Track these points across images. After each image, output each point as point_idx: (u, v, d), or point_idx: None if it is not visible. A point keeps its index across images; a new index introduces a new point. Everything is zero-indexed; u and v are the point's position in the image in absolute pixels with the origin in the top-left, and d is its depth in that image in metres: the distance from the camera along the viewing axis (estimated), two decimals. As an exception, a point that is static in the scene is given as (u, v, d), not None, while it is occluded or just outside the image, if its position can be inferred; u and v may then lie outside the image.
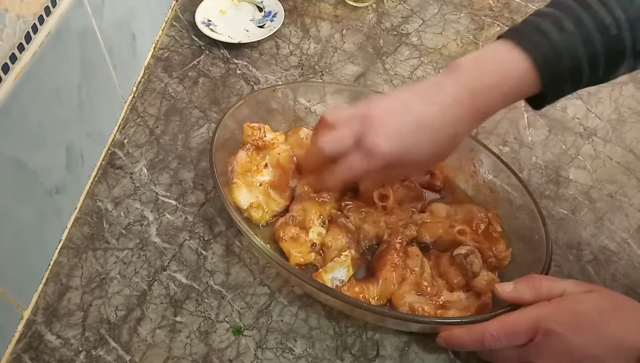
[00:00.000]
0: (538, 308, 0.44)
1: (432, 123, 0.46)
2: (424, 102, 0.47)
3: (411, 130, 0.46)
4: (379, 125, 0.46)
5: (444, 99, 0.46)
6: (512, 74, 0.45)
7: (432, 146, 0.48)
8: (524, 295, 0.46)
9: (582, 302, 0.44)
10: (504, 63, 0.45)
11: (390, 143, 0.46)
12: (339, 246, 0.54)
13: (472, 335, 0.46)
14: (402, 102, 0.48)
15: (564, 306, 0.44)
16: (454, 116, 0.46)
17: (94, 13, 0.58)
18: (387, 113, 0.47)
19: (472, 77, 0.46)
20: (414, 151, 0.47)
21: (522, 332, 0.44)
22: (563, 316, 0.43)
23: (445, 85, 0.47)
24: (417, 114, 0.47)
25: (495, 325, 0.45)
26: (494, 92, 0.46)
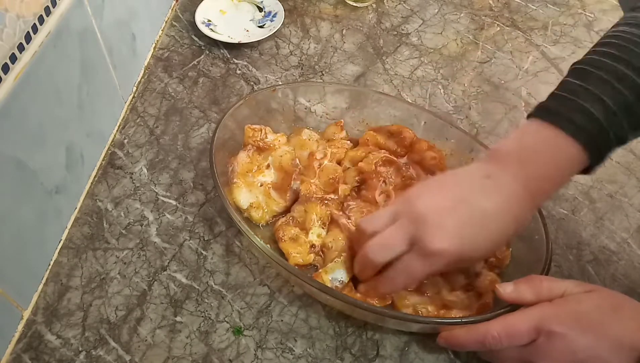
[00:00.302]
0: (539, 308, 0.44)
1: (494, 219, 0.45)
2: (481, 195, 0.45)
3: (472, 227, 0.44)
4: (436, 225, 0.44)
5: (501, 191, 0.45)
6: (563, 162, 0.45)
7: (494, 240, 0.46)
8: (524, 295, 0.46)
9: (583, 302, 0.44)
10: (554, 152, 0.45)
11: (451, 243, 0.44)
12: (340, 247, 0.53)
13: (473, 336, 0.46)
14: (454, 196, 0.45)
15: (565, 306, 0.44)
16: (514, 209, 0.45)
17: (94, 13, 0.58)
18: (441, 210, 0.44)
19: (522, 167, 0.45)
20: (477, 248, 0.45)
21: (523, 333, 0.44)
22: (564, 316, 0.43)
23: (497, 177, 0.45)
24: (477, 209, 0.45)
25: (496, 325, 0.45)
26: (549, 182, 0.46)
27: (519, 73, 0.79)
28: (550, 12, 0.89)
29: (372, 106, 0.65)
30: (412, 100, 0.74)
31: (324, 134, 0.65)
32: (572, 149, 0.44)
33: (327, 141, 0.64)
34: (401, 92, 0.75)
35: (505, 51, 0.82)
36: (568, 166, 0.45)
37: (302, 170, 0.59)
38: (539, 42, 0.84)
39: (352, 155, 0.62)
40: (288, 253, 0.53)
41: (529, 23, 0.87)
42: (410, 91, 0.75)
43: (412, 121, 0.64)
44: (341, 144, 0.63)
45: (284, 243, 0.54)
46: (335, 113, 0.66)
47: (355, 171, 0.60)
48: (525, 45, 0.83)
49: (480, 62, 0.80)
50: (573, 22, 0.87)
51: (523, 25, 0.87)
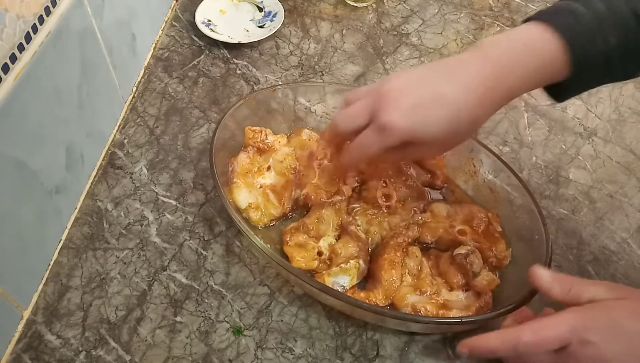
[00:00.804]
0: (571, 315, 0.43)
1: (452, 100, 0.44)
2: (445, 78, 0.45)
3: (428, 106, 0.44)
4: (394, 100, 0.45)
5: (467, 76, 0.44)
6: (541, 54, 0.43)
7: (450, 124, 0.45)
8: (554, 290, 0.45)
9: (614, 311, 0.42)
10: (533, 42, 0.43)
11: (405, 119, 0.44)
12: (348, 254, 0.53)
13: (504, 342, 0.44)
14: (420, 77, 0.46)
15: (598, 315, 0.43)
16: (477, 94, 0.44)
17: (94, 13, 0.58)
18: (403, 88, 0.45)
19: (499, 55, 0.44)
20: (431, 129, 0.45)
21: (555, 340, 0.43)
22: (597, 325, 0.42)
23: (469, 62, 0.45)
24: (436, 90, 0.45)
25: (528, 332, 0.43)
26: (520, 71, 0.44)
27: (519, 73, 0.79)
28: (550, 12, 0.89)
29: (372, 106, 0.65)
30: (412, 100, 0.74)
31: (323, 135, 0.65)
32: (554, 43, 0.43)
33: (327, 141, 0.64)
34: (401, 92, 0.75)
35: (505, 51, 0.82)
36: (546, 60, 0.43)
37: (301, 178, 0.59)
38: (539, 42, 0.84)
39: None
40: (292, 256, 0.53)
41: (529, 23, 0.87)
42: (410, 91, 0.75)
43: (412, 121, 0.63)
44: None
45: (289, 247, 0.54)
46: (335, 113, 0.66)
47: (354, 172, 0.60)
48: (525, 45, 0.83)
49: (480, 62, 0.80)
50: (573, 22, 0.87)
51: (523, 25, 0.87)
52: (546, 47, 0.43)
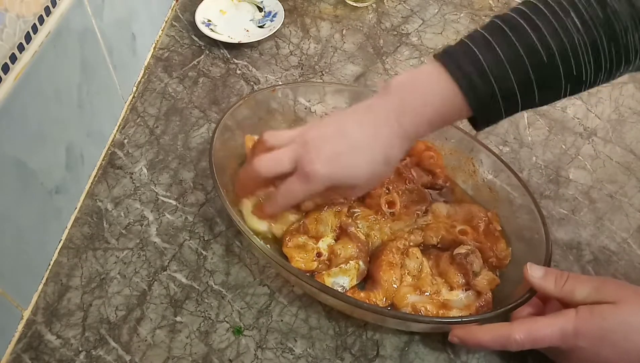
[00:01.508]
0: (564, 318, 0.44)
1: (364, 146, 0.47)
2: (356, 125, 0.48)
3: (345, 154, 0.47)
4: (315, 150, 0.47)
5: (375, 122, 0.47)
6: (438, 98, 0.45)
7: (366, 168, 0.48)
8: (548, 286, 0.46)
9: (608, 318, 0.43)
10: (431, 87, 0.45)
11: (327, 168, 0.47)
12: (348, 254, 0.53)
13: (494, 337, 0.45)
14: (336, 126, 0.49)
15: (589, 321, 0.43)
16: (384, 138, 0.47)
17: (94, 13, 0.58)
18: (322, 138, 0.48)
19: (400, 99, 0.47)
20: (350, 174, 0.48)
21: (545, 342, 0.44)
22: (588, 332, 0.43)
23: (375, 108, 0.48)
24: (350, 138, 0.47)
25: (521, 330, 0.45)
26: (419, 115, 0.46)
27: (519, 73, 0.79)
28: (550, 12, 0.89)
29: (372, 106, 0.65)
30: (412, 100, 0.74)
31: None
32: (449, 88, 0.44)
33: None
34: (401, 92, 0.75)
35: (505, 51, 0.82)
36: (443, 104, 0.45)
37: None
38: (539, 42, 0.84)
39: None
40: (291, 257, 0.53)
41: (529, 23, 0.87)
42: (410, 91, 0.75)
43: (412, 121, 0.64)
44: None
45: (288, 249, 0.54)
46: (335, 113, 0.66)
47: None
48: (525, 45, 0.83)
49: (480, 62, 0.80)
50: (573, 22, 0.87)
51: (523, 25, 0.87)
52: (442, 91, 0.45)
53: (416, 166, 0.62)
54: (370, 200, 0.58)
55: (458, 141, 0.62)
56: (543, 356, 0.48)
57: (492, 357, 0.51)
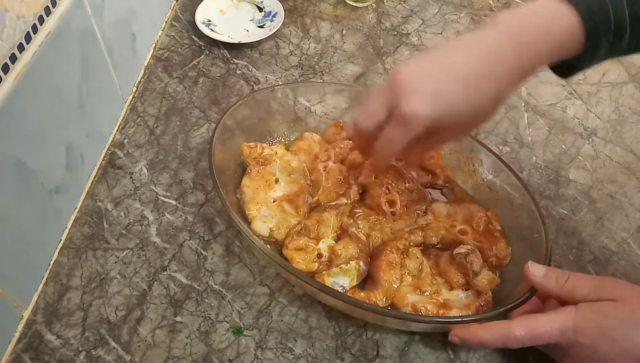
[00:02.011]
0: (564, 315, 0.44)
1: (474, 79, 0.42)
2: (462, 57, 0.43)
3: (449, 88, 0.42)
4: (411, 89, 0.42)
5: (487, 53, 0.43)
6: (558, 27, 0.42)
7: (474, 104, 0.43)
8: (549, 285, 0.46)
9: (608, 316, 0.43)
10: (550, 16, 0.42)
11: (427, 106, 0.42)
12: (348, 255, 0.53)
13: (495, 335, 0.45)
14: (435, 59, 0.44)
15: (589, 318, 0.43)
16: (498, 70, 0.43)
17: (94, 13, 0.58)
18: (419, 74, 0.43)
19: (517, 30, 0.43)
20: (455, 111, 0.43)
21: (545, 339, 0.44)
22: (588, 329, 0.43)
23: (486, 39, 0.43)
24: (456, 70, 0.43)
25: (521, 327, 0.45)
26: (539, 45, 0.43)
27: (519, 73, 0.79)
28: (550, 12, 0.89)
29: (372, 106, 0.65)
30: (412, 100, 0.74)
31: (325, 136, 0.65)
32: (570, 16, 0.42)
33: (329, 142, 0.64)
34: (401, 92, 0.75)
35: (505, 50, 0.82)
36: (562, 33, 0.42)
37: (312, 183, 0.59)
38: (539, 42, 0.84)
39: (352, 159, 0.62)
40: (292, 258, 0.53)
41: (529, 23, 0.87)
42: (410, 91, 0.75)
43: (412, 121, 0.64)
44: (344, 144, 0.63)
45: (288, 251, 0.54)
46: (335, 113, 0.66)
47: (357, 186, 0.60)
48: (525, 45, 0.83)
49: (480, 62, 0.80)
50: (573, 22, 0.87)
51: (523, 25, 0.87)
52: (562, 21, 0.42)
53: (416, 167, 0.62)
54: (371, 200, 0.58)
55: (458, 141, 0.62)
56: (543, 355, 0.48)
57: (492, 356, 0.51)
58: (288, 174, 0.59)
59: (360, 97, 0.65)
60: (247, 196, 0.57)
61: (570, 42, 0.43)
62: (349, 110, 0.66)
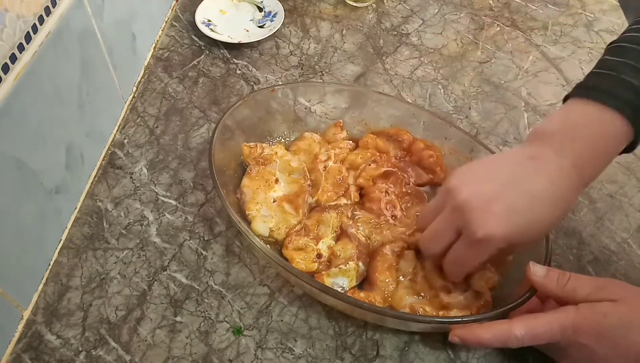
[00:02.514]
0: (564, 314, 0.44)
1: (541, 200, 0.43)
2: (528, 177, 0.44)
3: (520, 211, 0.43)
4: (481, 211, 0.43)
5: (550, 171, 0.44)
6: (609, 137, 0.44)
7: (544, 222, 0.44)
8: (549, 285, 0.46)
9: (608, 316, 0.43)
10: (599, 126, 0.44)
11: (499, 228, 0.43)
12: (347, 255, 0.53)
13: (494, 334, 0.45)
14: (498, 180, 0.44)
15: (589, 318, 0.43)
16: (562, 189, 0.44)
17: (94, 13, 0.58)
18: (485, 196, 0.44)
19: (570, 145, 0.44)
20: (529, 231, 0.44)
21: (545, 338, 0.44)
22: (588, 328, 0.43)
23: (544, 157, 0.44)
24: (524, 193, 0.43)
25: (521, 327, 0.45)
26: (596, 158, 0.44)
27: (519, 73, 0.79)
28: (550, 12, 0.89)
29: (371, 106, 0.65)
30: (412, 100, 0.74)
31: (325, 136, 0.65)
32: (617, 122, 0.43)
33: (329, 142, 0.64)
34: (401, 92, 0.75)
35: (505, 51, 0.82)
36: (614, 140, 0.44)
37: (312, 183, 0.59)
38: (539, 42, 0.84)
39: (352, 159, 0.62)
40: (292, 258, 0.53)
41: (529, 23, 0.87)
42: (410, 91, 0.75)
43: (412, 121, 0.64)
44: (344, 144, 0.63)
45: (288, 251, 0.54)
46: (335, 113, 0.66)
47: (355, 187, 0.60)
48: (525, 45, 0.83)
49: (480, 62, 0.80)
50: (573, 22, 0.87)
51: (523, 25, 0.87)
52: (610, 127, 0.43)
53: (416, 165, 0.62)
54: (370, 203, 0.58)
55: (458, 141, 0.62)
56: (543, 355, 0.48)
57: (492, 356, 0.51)
58: (288, 174, 0.59)
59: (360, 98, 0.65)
60: (247, 196, 0.57)
61: (623, 141, 0.44)
62: (349, 110, 0.66)
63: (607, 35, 0.84)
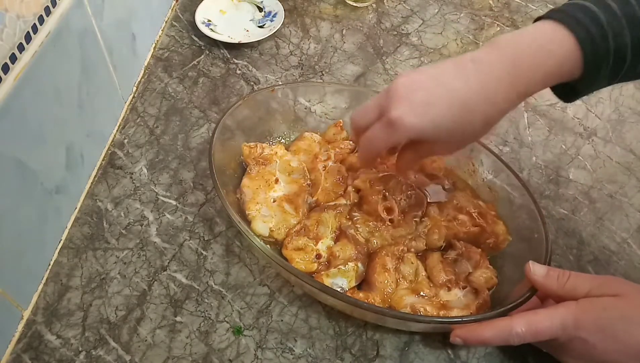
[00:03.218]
0: (564, 309, 0.44)
1: (466, 100, 0.43)
2: (459, 76, 0.44)
3: (440, 105, 0.43)
4: (404, 97, 0.44)
5: (482, 75, 0.43)
6: (555, 52, 0.42)
7: (462, 124, 0.44)
8: (550, 284, 0.46)
9: (608, 310, 0.43)
10: (547, 41, 0.43)
11: (414, 116, 0.43)
12: (347, 256, 0.53)
13: (495, 332, 0.46)
14: (433, 75, 0.45)
15: (591, 312, 0.43)
16: (491, 94, 0.43)
17: (94, 13, 0.58)
18: (414, 85, 0.44)
19: (512, 54, 0.43)
20: (442, 129, 0.44)
21: (546, 333, 0.44)
22: (588, 323, 0.43)
23: (483, 61, 0.44)
24: (450, 89, 0.43)
25: (521, 324, 0.45)
26: (534, 71, 0.43)
27: (519, 73, 0.79)
28: (550, 12, 0.89)
29: (372, 106, 0.65)
30: (412, 100, 0.74)
31: (325, 136, 0.65)
32: (567, 42, 0.42)
33: (329, 142, 0.64)
34: (401, 92, 0.75)
35: (505, 50, 0.82)
36: (559, 59, 0.43)
37: (312, 183, 0.59)
38: (539, 42, 0.84)
39: (352, 161, 0.61)
40: (291, 258, 0.53)
41: (529, 23, 0.87)
42: (410, 91, 0.75)
43: (412, 121, 0.63)
44: (344, 144, 0.63)
45: (287, 251, 0.53)
46: (335, 113, 0.66)
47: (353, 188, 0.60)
48: (525, 45, 0.83)
49: (480, 62, 0.80)
50: (573, 22, 0.87)
51: (523, 25, 0.87)
52: (560, 47, 0.43)
53: (419, 172, 0.61)
54: (368, 206, 0.58)
55: (458, 141, 0.62)
56: (543, 354, 0.48)
57: (492, 356, 0.51)
58: (288, 174, 0.59)
59: (361, 98, 0.65)
60: (247, 196, 0.57)
61: (568, 67, 0.43)
62: (349, 110, 0.66)
63: (607, 35, 0.84)
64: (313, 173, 0.60)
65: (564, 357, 0.47)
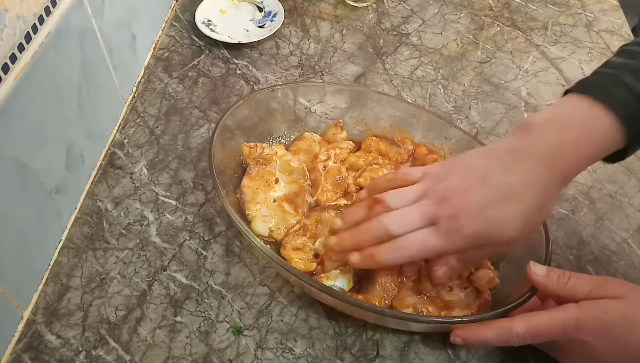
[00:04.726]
0: (565, 311, 0.44)
1: (517, 195, 0.42)
2: (502, 171, 0.43)
3: (494, 206, 0.42)
4: (456, 204, 0.43)
5: (525, 167, 0.43)
6: (596, 133, 0.42)
7: (519, 220, 0.43)
8: (550, 284, 0.46)
9: (609, 312, 0.43)
10: (587, 122, 0.42)
11: (474, 224, 0.42)
12: None
13: (496, 333, 0.45)
14: (475, 173, 0.44)
15: (591, 314, 0.43)
16: (540, 184, 0.43)
17: (94, 13, 0.58)
18: (461, 188, 0.43)
19: (554, 141, 0.43)
20: (500, 229, 0.43)
21: (547, 335, 0.44)
22: (589, 325, 0.43)
23: (523, 150, 0.43)
24: (500, 187, 0.43)
25: (522, 325, 0.45)
26: (578, 154, 0.43)
27: (519, 73, 0.79)
28: (550, 12, 0.89)
29: (371, 106, 0.65)
30: (412, 100, 0.74)
31: (325, 136, 0.65)
32: (606, 120, 0.41)
33: (329, 142, 0.64)
34: (401, 92, 0.75)
35: (505, 51, 0.82)
36: (600, 138, 0.42)
37: (312, 183, 0.59)
38: (539, 42, 0.84)
39: (353, 161, 0.62)
40: (290, 258, 0.53)
41: (529, 23, 0.87)
42: (410, 91, 0.75)
43: (412, 121, 0.64)
44: (344, 145, 0.63)
45: (285, 251, 0.53)
46: (335, 113, 0.66)
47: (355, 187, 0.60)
48: (525, 45, 0.83)
49: (480, 62, 0.80)
50: (573, 22, 0.87)
51: (523, 25, 0.87)
52: (599, 125, 0.42)
53: None
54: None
55: (458, 141, 0.62)
56: (543, 355, 0.48)
57: (492, 356, 0.51)
58: (288, 174, 0.59)
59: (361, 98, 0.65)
60: (247, 196, 0.57)
61: (612, 145, 0.43)
62: (349, 110, 0.66)
63: (607, 35, 0.84)
64: (313, 173, 0.60)
65: (565, 359, 0.47)
